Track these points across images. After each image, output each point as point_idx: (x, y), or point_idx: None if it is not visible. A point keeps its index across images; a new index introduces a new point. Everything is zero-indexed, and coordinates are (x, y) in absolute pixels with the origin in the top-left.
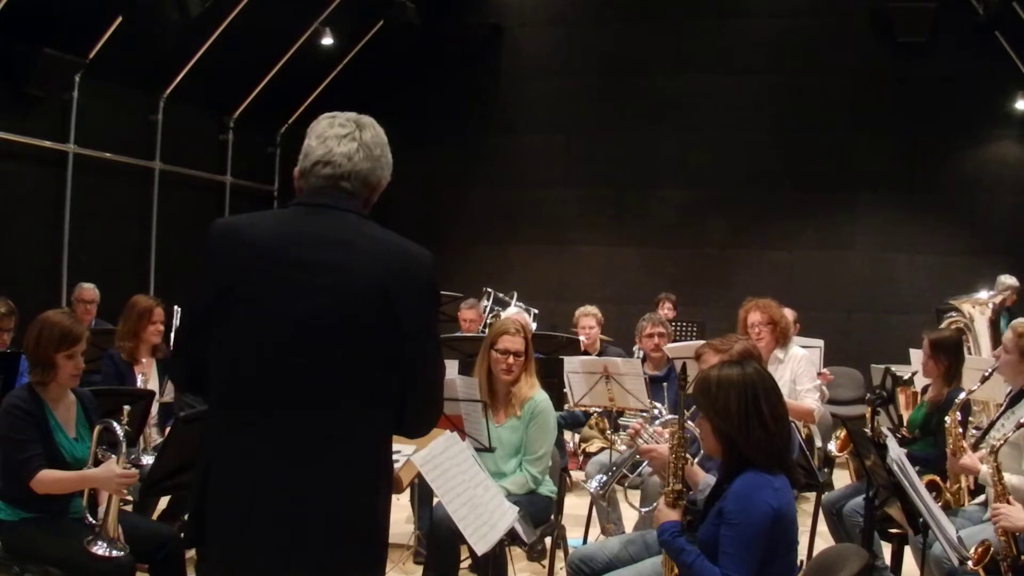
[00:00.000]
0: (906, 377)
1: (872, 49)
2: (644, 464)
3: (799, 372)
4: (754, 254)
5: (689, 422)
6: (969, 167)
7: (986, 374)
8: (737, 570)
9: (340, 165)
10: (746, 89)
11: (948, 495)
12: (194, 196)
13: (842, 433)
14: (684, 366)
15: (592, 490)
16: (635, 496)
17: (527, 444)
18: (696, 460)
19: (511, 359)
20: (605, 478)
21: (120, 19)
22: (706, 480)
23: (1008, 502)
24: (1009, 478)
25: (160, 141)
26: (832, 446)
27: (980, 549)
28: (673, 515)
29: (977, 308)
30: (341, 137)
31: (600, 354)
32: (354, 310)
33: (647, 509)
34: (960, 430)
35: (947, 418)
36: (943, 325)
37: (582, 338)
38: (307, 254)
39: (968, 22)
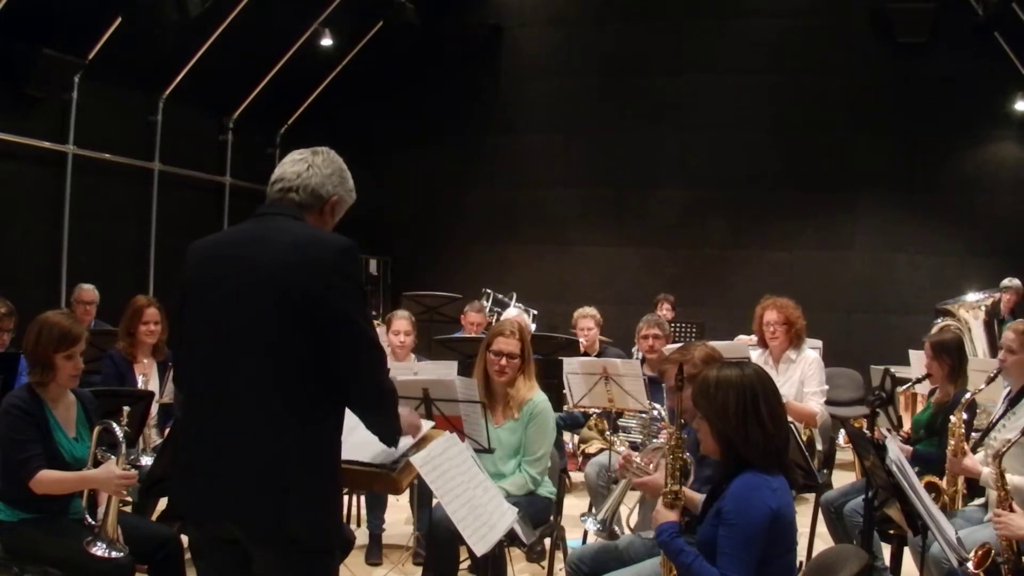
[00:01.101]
0: (914, 379)
1: (872, 49)
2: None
3: (808, 375)
4: (754, 254)
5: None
6: (969, 167)
7: (991, 375)
8: (735, 570)
9: (290, 180)
10: (746, 89)
11: (946, 497)
12: (193, 197)
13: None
14: (681, 367)
15: (594, 531)
16: (632, 497)
17: (526, 445)
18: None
19: (504, 361)
20: (603, 516)
21: (120, 19)
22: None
23: (1011, 507)
24: (1011, 478)
25: (159, 142)
26: (841, 438)
27: (980, 552)
28: (671, 516)
29: (970, 312)
30: (295, 161)
31: (599, 355)
32: (262, 301)
33: (645, 533)
34: (963, 430)
35: (952, 417)
36: (934, 330)
37: (581, 340)
38: (233, 252)
39: (967, 23)
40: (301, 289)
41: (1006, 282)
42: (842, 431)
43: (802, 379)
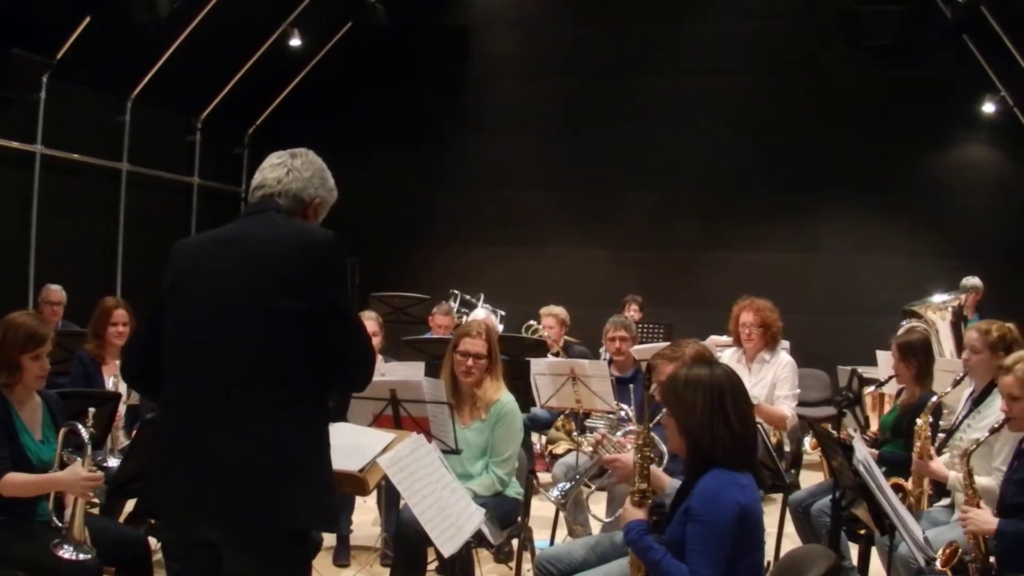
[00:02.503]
0: (882, 380)
1: (841, 52)
2: (608, 473)
3: (781, 377)
4: (722, 256)
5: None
6: (937, 169)
7: (958, 378)
8: (704, 567)
9: (271, 186)
10: (715, 91)
11: (912, 498)
12: (162, 197)
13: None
14: (648, 367)
15: (553, 499)
16: (600, 497)
17: (493, 446)
18: (663, 464)
19: (471, 361)
20: (567, 486)
21: (88, 19)
22: (672, 485)
23: (978, 505)
24: (979, 480)
25: (128, 142)
26: (808, 442)
27: (948, 550)
28: (639, 514)
29: (937, 313)
30: (275, 165)
31: (563, 351)
32: (253, 296)
33: (611, 519)
34: (929, 433)
35: (919, 419)
36: (901, 331)
37: (545, 335)
38: (222, 249)
39: (936, 25)
40: (292, 281)
41: (966, 282)
42: (807, 439)
43: (774, 381)
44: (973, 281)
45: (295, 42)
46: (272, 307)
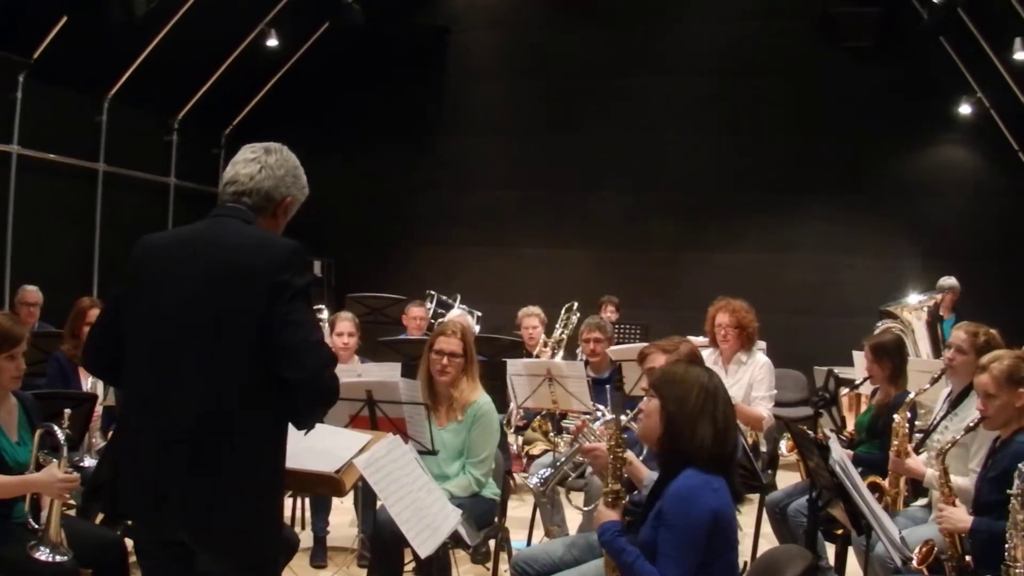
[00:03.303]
0: (857, 382)
1: (818, 53)
2: (587, 465)
3: (758, 378)
4: (698, 256)
5: (632, 423)
6: (913, 171)
7: (935, 376)
8: (675, 571)
9: (243, 183)
10: (692, 92)
11: (888, 497)
12: (138, 197)
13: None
14: (619, 366)
15: (533, 485)
16: (578, 498)
17: (470, 447)
18: (641, 458)
19: (446, 360)
20: (547, 473)
21: (65, 19)
22: (650, 477)
23: (953, 504)
24: (955, 480)
25: (104, 142)
26: (784, 445)
27: (924, 549)
28: (612, 515)
29: (913, 314)
30: (248, 160)
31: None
32: (214, 302)
33: (589, 508)
34: (907, 430)
35: (896, 416)
36: (877, 332)
37: (525, 339)
38: (185, 255)
39: (913, 27)
40: (252, 290)
41: (943, 282)
42: (783, 442)
43: (751, 382)
44: (950, 282)
45: (272, 42)
46: (231, 316)
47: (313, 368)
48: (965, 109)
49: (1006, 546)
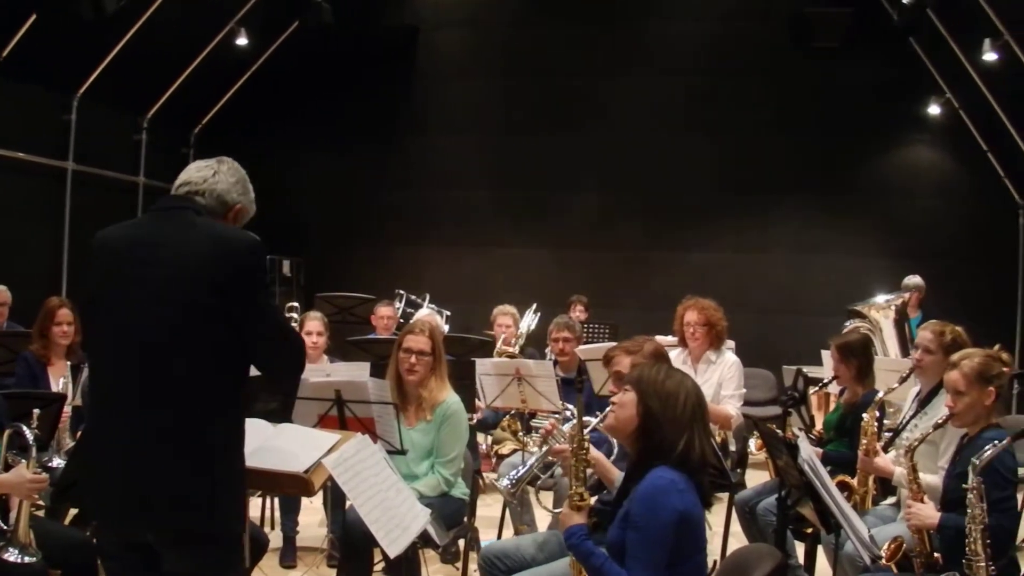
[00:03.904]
0: (826, 380)
1: (789, 53)
2: (556, 465)
3: (727, 377)
4: (668, 256)
5: (600, 425)
6: (883, 171)
7: (904, 375)
8: (643, 573)
9: (196, 184)
10: (663, 92)
11: (857, 496)
12: (107, 196)
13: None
14: (583, 366)
15: (503, 487)
16: (547, 498)
17: (439, 446)
18: (612, 458)
19: (414, 358)
20: (517, 473)
21: (34, 17)
22: (620, 478)
23: (922, 500)
24: (924, 477)
25: (74, 141)
26: (753, 444)
27: (893, 546)
28: (578, 518)
29: (880, 313)
30: (201, 167)
31: (522, 354)
32: (179, 298)
33: (559, 510)
34: (876, 429)
35: (865, 415)
36: (845, 331)
37: (501, 335)
38: (142, 252)
39: (883, 28)
40: (216, 283)
41: (908, 281)
42: (752, 441)
43: (720, 381)
44: (915, 280)
45: (242, 41)
46: (192, 309)
47: (281, 355)
48: (934, 110)
49: (966, 540)
